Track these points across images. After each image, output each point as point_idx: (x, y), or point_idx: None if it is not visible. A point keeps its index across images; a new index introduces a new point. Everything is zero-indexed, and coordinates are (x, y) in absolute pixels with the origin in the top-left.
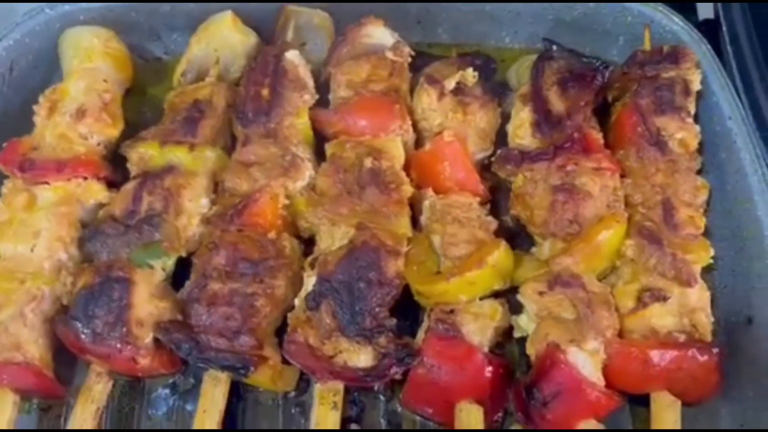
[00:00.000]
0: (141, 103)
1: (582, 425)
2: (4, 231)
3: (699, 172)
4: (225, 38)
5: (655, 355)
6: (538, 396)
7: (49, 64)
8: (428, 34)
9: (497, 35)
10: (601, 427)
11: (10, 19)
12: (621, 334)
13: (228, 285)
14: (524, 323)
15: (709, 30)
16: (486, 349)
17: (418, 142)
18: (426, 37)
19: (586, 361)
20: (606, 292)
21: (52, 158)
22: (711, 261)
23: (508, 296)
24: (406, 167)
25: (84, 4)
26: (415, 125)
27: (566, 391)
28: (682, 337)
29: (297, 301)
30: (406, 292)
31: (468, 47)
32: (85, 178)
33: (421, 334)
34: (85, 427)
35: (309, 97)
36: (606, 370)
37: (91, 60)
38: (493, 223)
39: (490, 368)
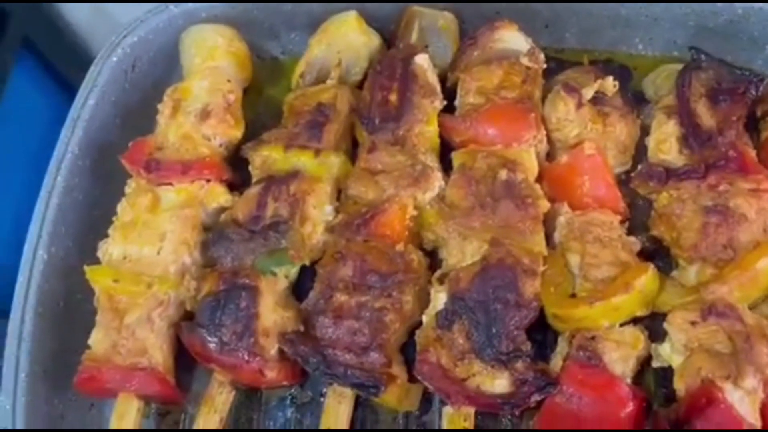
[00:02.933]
0: (257, 104)
1: None
2: (128, 232)
3: None
4: (348, 39)
5: None
6: None
7: (168, 61)
8: (556, 38)
9: (630, 41)
10: None
11: (133, 16)
12: None
13: (355, 298)
14: (666, 353)
15: None
16: (628, 380)
17: (550, 154)
18: (553, 42)
19: (742, 400)
20: (763, 325)
21: (177, 159)
22: None
23: (647, 323)
24: (538, 180)
25: (206, 2)
26: (548, 135)
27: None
28: None
29: (425, 318)
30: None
31: (598, 53)
32: (208, 181)
33: (557, 361)
34: None
35: (438, 103)
36: (763, 410)
37: (215, 59)
38: (637, 244)
39: (633, 401)
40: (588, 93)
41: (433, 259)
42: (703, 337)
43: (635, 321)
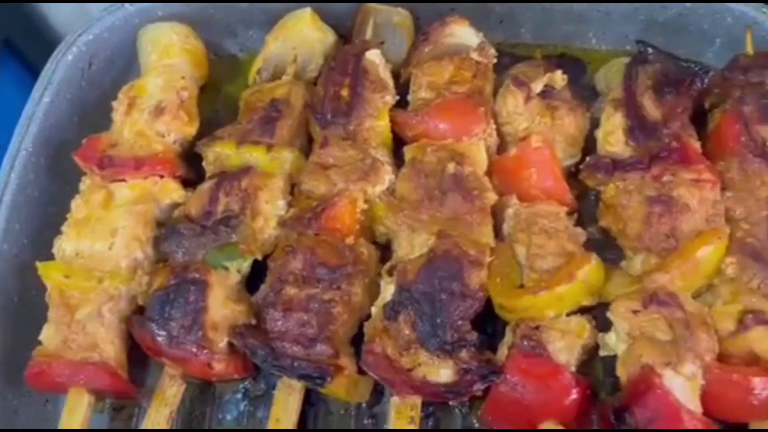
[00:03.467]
0: (215, 101)
1: None
2: (82, 228)
3: None
4: (303, 36)
5: (758, 382)
6: (630, 421)
7: (126, 59)
8: (511, 33)
9: (583, 36)
10: None
11: (90, 15)
12: (719, 358)
13: (304, 291)
14: (612, 342)
15: None
16: (573, 369)
17: (501, 147)
18: (508, 37)
19: (682, 386)
20: (704, 313)
21: (131, 156)
22: None
23: (595, 312)
24: (488, 173)
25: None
26: (498, 129)
27: (662, 417)
28: None
29: (374, 310)
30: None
31: (552, 48)
32: (162, 177)
33: (503, 350)
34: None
35: (390, 99)
36: (703, 397)
37: (170, 56)
38: (582, 235)
39: (576, 389)
40: (537, 86)
41: (386, 251)
42: (644, 325)
43: (583, 311)
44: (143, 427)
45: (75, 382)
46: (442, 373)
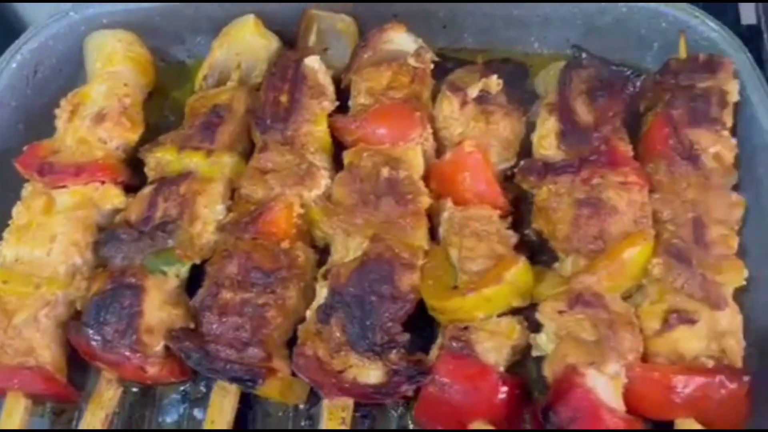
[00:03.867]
0: (163, 107)
1: None
2: (22, 234)
3: (735, 187)
4: (247, 42)
5: (679, 381)
6: (554, 420)
7: (73, 67)
8: (454, 39)
9: (526, 40)
10: None
11: (36, 22)
12: (646, 357)
13: (239, 295)
14: (543, 342)
15: (752, 36)
16: (502, 369)
17: (440, 152)
18: (452, 42)
19: (605, 385)
20: (630, 313)
21: (71, 162)
22: (744, 282)
23: (528, 313)
24: (426, 177)
25: (108, 6)
26: (436, 134)
27: (583, 416)
28: (710, 363)
29: (308, 313)
30: (424, 306)
31: (495, 53)
32: (103, 183)
33: (434, 351)
34: None
35: (328, 104)
36: (627, 395)
37: (113, 64)
38: (513, 238)
39: (504, 388)
40: (473, 92)
41: (327, 255)
42: (570, 325)
43: (516, 312)
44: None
45: (10, 386)
46: (372, 374)
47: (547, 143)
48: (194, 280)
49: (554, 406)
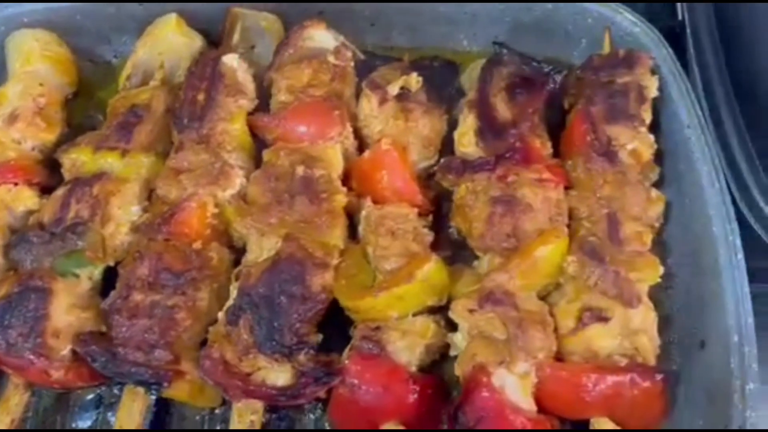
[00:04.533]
0: (89, 107)
1: None
2: None
3: (657, 184)
4: (169, 41)
5: (590, 379)
6: (462, 420)
7: None
8: (383, 37)
9: (455, 38)
10: None
11: None
12: (562, 355)
13: (150, 296)
14: (459, 341)
15: (680, 33)
16: (414, 368)
17: (361, 150)
18: (381, 41)
19: (514, 384)
20: (543, 311)
21: None
22: (660, 279)
23: (447, 312)
24: (348, 176)
25: (27, 6)
26: (358, 132)
27: (489, 416)
28: (623, 361)
29: (220, 315)
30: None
31: (425, 51)
32: (16, 184)
33: (347, 352)
34: None
35: (246, 102)
36: (539, 395)
37: (30, 63)
38: (429, 236)
39: (416, 388)
40: (393, 89)
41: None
42: (481, 324)
43: (435, 311)
44: None
45: None
46: (280, 376)
47: (466, 140)
48: (111, 283)
49: (462, 407)
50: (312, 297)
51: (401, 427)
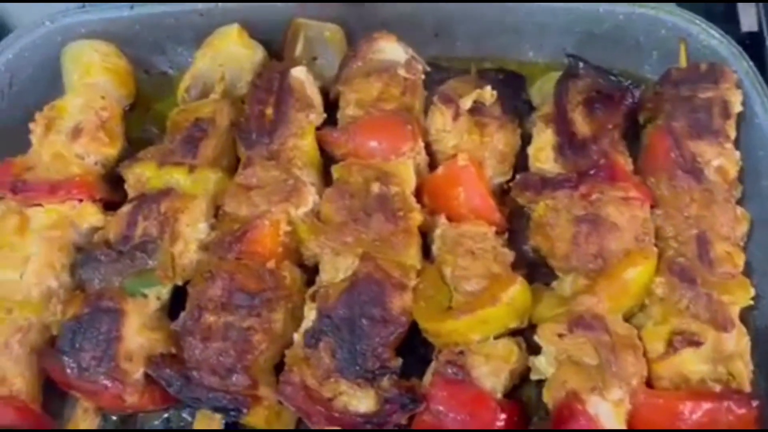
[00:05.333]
0: (145, 119)
1: None
2: None
3: (740, 201)
4: (231, 53)
5: (685, 407)
6: None
7: (49, 78)
8: (446, 47)
9: (520, 49)
10: None
11: (9, 33)
12: (649, 380)
13: (223, 318)
14: (542, 366)
15: (753, 44)
16: (499, 395)
17: (432, 165)
18: (444, 51)
19: (608, 412)
20: (633, 335)
21: (45, 179)
22: (751, 301)
23: (527, 334)
24: (419, 192)
25: (85, 16)
26: (428, 147)
27: None
28: (716, 387)
29: (296, 337)
30: (416, 326)
31: (489, 61)
32: (80, 201)
33: (428, 377)
34: None
35: (315, 117)
36: (632, 422)
37: (91, 75)
38: (510, 256)
39: (503, 416)
40: (466, 103)
41: (316, 274)
42: (570, 349)
43: (514, 333)
44: None
45: None
46: (363, 402)
47: (543, 156)
48: (176, 302)
49: None
50: (393, 320)
51: None
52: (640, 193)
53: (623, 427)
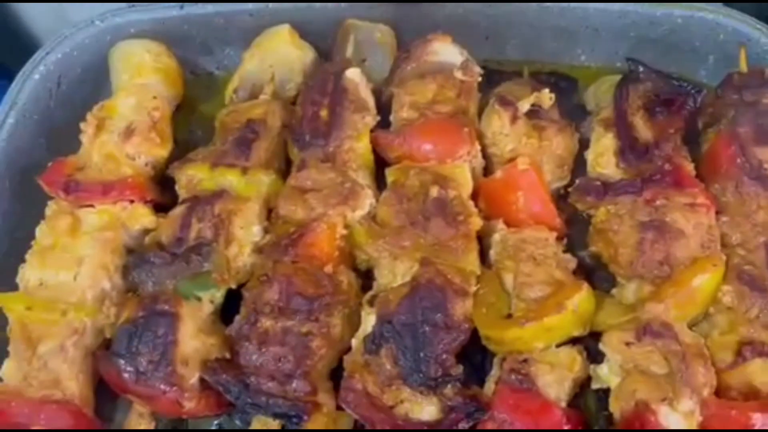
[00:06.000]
0: (191, 121)
1: None
2: (46, 256)
3: None
4: (281, 53)
5: (758, 418)
6: None
7: (97, 78)
8: (497, 50)
9: (572, 53)
10: None
11: (59, 32)
12: (717, 390)
13: (280, 322)
14: (605, 374)
15: None
16: (563, 403)
17: (488, 170)
18: (495, 54)
19: (679, 424)
20: (701, 344)
21: (98, 180)
22: None
23: (586, 342)
24: (474, 196)
25: (134, 15)
26: (483, 150)
27: None
28: None
29: (354, 342)
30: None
31: (540, 65)
32: (132, 202)
33: (490, 385)
34: None
35: (370, 119)
36: None
37: (142, 75)
38: (572, 262)
39: (568, 425)
40: (524, 106)
41: (368, 279)
42: (638, 357)
43: (574, 341)
44: None
45: (35, 423)
46: (426, 410)
47: (604, 161)
48: (227, 307)
49: None
50: (455, 326)
51: None
52: (706, 200)
53: None
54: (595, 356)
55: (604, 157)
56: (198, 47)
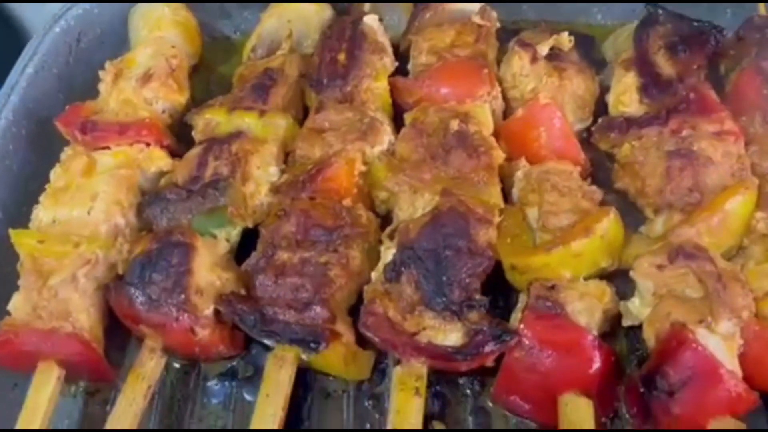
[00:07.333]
0: (209, 81)
1: (715, 424)
2: (59, 196)
3: None
4: (299, 10)
5: None
6: (662, 385)
7: (117, 40)
8: (512, 11)
9: (588, 11)
10: (742, 426)
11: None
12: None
13: (298, 254)
14: (636, 309)
15: None
16: (595, 333)
17: (507, 113)
18: (510, 15)
19: (718, 346)
20: (736, 270)
21: (115, 121)
22: None
23: (615, 282)
24: (495, 139)
25: None
26: (504, 94)
27: (699, 375)
28: None
29: (374, 274)
30: (495, 273)
31: (557, 25)
32: (148, 144)
33: (516, 315)
34: (134, 407)
35: (389, 62)
36: (742, 360)
37: (161, 29)
38: (599, 193)
39: (600, 354)
40: (543, 49)
41: (386, 223)
42: (671, 281)
43: (601, 278)
44: (118, 404)
45: (43, 352)
46: (450, 336)
47: (626, 99)
48: (242, 250)
49: (661, 368)
50: (479, 252)
51: (583, 398)
52: (734, 127)
53: (735, 362)
54: (622, 296)
55: (626, 95)
56: (217, 11)
